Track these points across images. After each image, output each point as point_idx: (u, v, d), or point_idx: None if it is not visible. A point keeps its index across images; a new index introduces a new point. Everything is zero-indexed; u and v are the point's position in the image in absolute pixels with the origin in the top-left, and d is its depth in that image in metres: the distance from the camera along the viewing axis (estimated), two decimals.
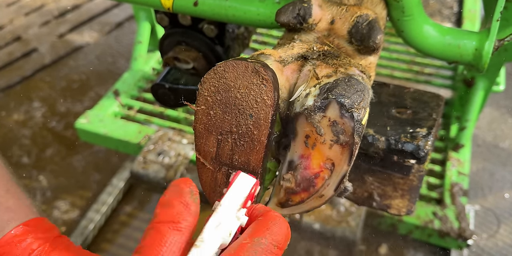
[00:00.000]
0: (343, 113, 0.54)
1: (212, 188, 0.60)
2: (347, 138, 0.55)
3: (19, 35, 2.56)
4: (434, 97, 0.78)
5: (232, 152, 0.57)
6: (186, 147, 1.39)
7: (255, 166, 0.56)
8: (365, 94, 0.56)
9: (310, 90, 0.57)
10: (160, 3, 0.83)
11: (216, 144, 0.57)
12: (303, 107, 0.56)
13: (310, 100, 0.56)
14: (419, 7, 0.70)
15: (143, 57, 1.73)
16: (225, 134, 0.56)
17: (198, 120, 0.57)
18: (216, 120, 0.56)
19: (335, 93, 0.54)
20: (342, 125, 0.54)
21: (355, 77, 0.57)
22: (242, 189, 0.51)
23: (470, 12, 1.85)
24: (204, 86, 0.56)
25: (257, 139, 0.55)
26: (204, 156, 0.59)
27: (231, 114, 0.55)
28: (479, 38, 0.69)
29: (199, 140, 0.58)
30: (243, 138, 0.56)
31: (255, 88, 0.53)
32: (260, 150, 0.55)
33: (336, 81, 0.56)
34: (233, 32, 0.99)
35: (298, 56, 0.63)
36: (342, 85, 0.55)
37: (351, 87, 0.55)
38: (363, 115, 0.55)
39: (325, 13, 0.66)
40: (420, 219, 1.24)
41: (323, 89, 0.56)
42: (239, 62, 0.54)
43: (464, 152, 1.41)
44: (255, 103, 0.54)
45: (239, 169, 0.57)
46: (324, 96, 0.55)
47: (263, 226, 0.45)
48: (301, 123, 0.57)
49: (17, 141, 2.00)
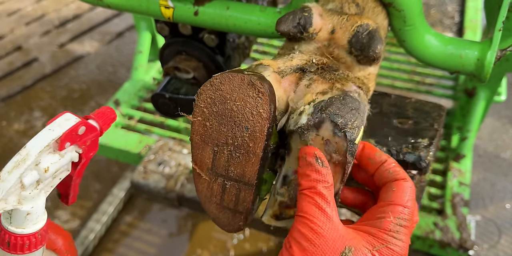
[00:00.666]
0: (336, 132, 0.54)
1: (208, 198, 0.60)
2: (340, 157, 0.55)
3: (19, 44, 2.57)
4: (435, 107, 0.78)
5: (227, 163, 0.57)
6: (186, 157, 1.38)
7: (250, 178, 0.56)
8: (359, 113, 0.55)
9: (304, 108, 0.57)
10: (161, 12, 0.83)
11: (212, 155, 0.57)
12: (296, 125, 0.56)
13: (304, 119, 0.56)
14: (421, 17, 0.70)
15: (143, 67, 1.73)
16: (221, 145, 0.56)
17: (194, 131, 0.57)
18: (212, 132, 0.56)
19: (329, 112, 0.54)
20: (335, 144, 0.54)
21: (350, 94, 0.57)
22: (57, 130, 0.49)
23: (472, 22, 1.85)
24: (200, 98, 0.56)
25: (253, 151, 0.55)
26: (200, 167, 0.58)
27: (227, 126, 0.55)
28: (481, 48, 0.69)
29: (195, 151, 0.58)
30: (238, 150, 0.55)
31: (251, 101, 0.53)
32: (256, 162, 0.55)
33: (330, 99, 0.56)
34: (233, 42, 0.99)
35: (296, 68, 0.62)
36: (336, 103, 0.55)
37: (345, 106, 0.55)
38: (357, 134, 0.54)
39: (325, 22, 0.66)
40: (421, 230, 1.23)
41: (317, 107, 0.55)
42: (235, 75, 0.54)
43: (465, 163, 1.40)
44: (251, 116, 0.54)
45: (235, 180, 0.57)
46: (317, 115, 0.55)
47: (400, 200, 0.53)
48: (295, 140, 0.57)
49: (18, 150, 1.99)
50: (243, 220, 0.59)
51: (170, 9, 0.81)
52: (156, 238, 1.67)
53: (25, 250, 0.50)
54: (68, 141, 0.50)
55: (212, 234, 1.67)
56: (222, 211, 0.60)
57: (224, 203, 0.59)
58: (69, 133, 0.49)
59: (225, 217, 0.60)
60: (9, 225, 0.49)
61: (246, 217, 0.58)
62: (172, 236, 1.68)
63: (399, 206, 0.53)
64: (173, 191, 1.31)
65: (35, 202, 0.49)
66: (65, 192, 0.56)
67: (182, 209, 1.75)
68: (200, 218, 1.72)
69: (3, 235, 0.49)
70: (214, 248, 1.62)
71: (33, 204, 0.49)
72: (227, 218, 0.60)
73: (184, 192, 1.31)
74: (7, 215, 0.49)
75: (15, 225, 0.49)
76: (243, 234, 1.66)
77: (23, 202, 0.48)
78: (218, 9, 0.79)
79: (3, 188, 0.46)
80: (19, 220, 0.49)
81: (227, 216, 0.59)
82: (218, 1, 0.80)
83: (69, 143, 0.50)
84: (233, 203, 0.58)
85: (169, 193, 1.32)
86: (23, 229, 0.49)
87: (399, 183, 0.55)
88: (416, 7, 0.69)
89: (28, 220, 0.49)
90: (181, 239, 1.67)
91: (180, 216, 1.74)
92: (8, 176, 0.46)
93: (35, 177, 0.48)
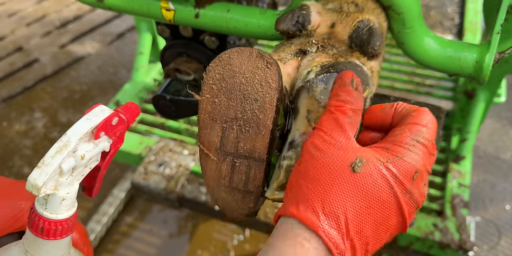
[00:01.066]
0: None
1: (215, 181, 0.59)
2: None
3: (20, 45, 2.57)
4: (434, 109, 0.78)
5: (237, 139, 0.57)
6: (187, 158, 1.39)
7: (261, 152, 0.56)
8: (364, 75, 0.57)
9: (312, 68, 0.58)
10: (162, 15, 0.83)
11: (221, 133, 0.57)
12: (305, 80, 0.57)
13: (312, 75, 0.57)
14: (420, 20, 0.71)
15: (144, 68, 1.74)
16: (230, 121, 0.56)
17: (202, 109, 0.58)
18: (221, 108, 0.57)
19: (336, 68, 0.56)
20: None
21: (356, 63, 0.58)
22: (94, 119, 0.52)
23: (471, 23, 1.86)
24: (209, 75, 0.56)
25: (263, 123, 0.55)
26: (208, 147, 0.58)
27: (236, 100, 0.56)
28: (479, 50, 0.69)
29: (203, 131, 0.58)
30: (248, 124, 0.56)
31: (260, 72, 0.54)
32: (266, 135, 0.55)
33: (337, 62, 0.57)
34: (234, 44, 0.99)
35: (296, 52, 0.63)
36: (343, 64, 0.57)
37: (352, 66, 0.57)
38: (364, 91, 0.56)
39: (324, 19, 0.66)
40: (421, 231, 1.24)
41: (324, 66, 0.57)
42: (243, 48, 0.55)
43: (465, 164, 1.41)
44: (260, 87, 0.54)
45: (244, 157, 0.57)
46: (325, 70, 0.56)
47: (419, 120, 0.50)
48: (303, 99, 0.58)
49: (18, 151, 2.00)
50: (253, 202, 0.58)
51: (171, 11, 0.82)
52: (156, 239, 1.67)
53: (57, 236, 0.51)
54: (103, 130, 0.53)
55: (213, 235, 1.67)
56: (231, 193, 0.59)
57: (233, 184, 0.58)
58: (104, 123, 0.52)
59: (235, 200, 0.59)
60: (44, 210, 0.51)
61: (256, 197, 0.58)
62: (172, 237, 1.68)
63: (418, 125, 0.50)
64: (174, 192, 1.32)
65: (70, 188, 0.51)
66: (89, 184, 0.58)
67: (182, 210, 1.75)
68: (200, 219, 1.72)
69: (37, 220, 0.51)
70: (214, 249, 1.62)
71: (68, 190, 0.51)
72: (236, 201, 0.59)
73: (184, 193, 1.32)
74: (43, 201, 0.51)
75: (50, 210, 0.51)
76: (243, 234, 1.66)
77: (59, 188, 0.50)
78: (218, 12, 0.80)
79: (46, 171, 0.48)
80: (54, 206, 0.51)
81: (237, 199, 0.59)
82: (219, 3, 0.80)
83: (103, 133, 0.53)
84: (243, 183, 0.58)
85: (169, 194, 1.32)
86: (56, 215, 0.51)
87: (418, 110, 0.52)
88: (415, 10, 0.69)
89: (63, 205, 0.51)
90: (181, 240, 1.67)
91: (180, 217, 1.74)
92: (52, 161, 0.48)
93: (72, 164, 0.50)
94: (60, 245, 0.53)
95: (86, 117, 0.52)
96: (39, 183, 0.47)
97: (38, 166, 0.48)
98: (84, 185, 0.58)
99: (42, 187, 0.48)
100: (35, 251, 0.52)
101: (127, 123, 0.56)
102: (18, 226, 0.58)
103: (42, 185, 0.47)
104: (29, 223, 0.52)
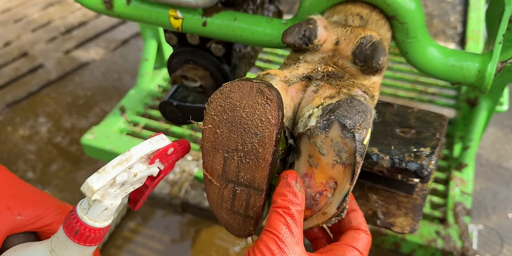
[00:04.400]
0: (345, 133, 0.55)
1: (218, 204, 0.61)
2: (349, 157, 0.56)
3: (25, 51, 2.59)
4: (437, 117, 0.79)
5: (238, 169, 0.58)
6: (190, 164, 1.40)
7: (260, 183, 0.57)
8: (367, 115, 0.57)
9: (313, 111, 0.58)
10: (170, 23, 0.85)
11: (223, 162, 0.59)
12: (306, 127, 0.58)
13: (313, 121, 0.57)
14: (423, 29, 0.72)
15: (149, 74, 1.75)
16: (231, 152, 0.58)
17: (205, 138, 0.59)
18: (222, 139, 0.58)
19: (337, 114, 0.56)
20: (344, 145, 0.55)
21: (357, 98, 0.58)
22: (155, 145, 0.57)
23: (474, 32, 1.87)
24: (211, 106, 0.57)
25: (262, 156, 0.56)
26: (211, 173, 0.60)
27: (236, 133, 0.57)
28: (482, 60, 0.70)
29: (206, 158, 0.60)
30: (248, 156, 0.57)
31: (260, 108, 0.55)
32: (265, 167, 0.57)
33: (338, 102, 0.57)
34: (240, 52, 1.00)
35: (303, 77, 0.64)
36: (344, 106, 0.57)
37: (353, 108, 0.56)
38: (365, 135, 0.56)
39: (330, 34, 0.67)
40: (423, 238, 1.24)
41: (325, 110, 0.57)
42: (244, 83, 0.55)
43: (468, 172, 1.41)
44: (260, 122, 0.55)
45: (245, 186, 0.58)
46: (326, 117, 0.56)
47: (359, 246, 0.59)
48: (304, 143, 0.58)
49: (23, 156, 2.01)
50: (253, 225, 0.60)
51: (179, 19, 0.83)
52: (158, 244, 1.68)
53: (87, 242, 0.53)
54: (159, 158, 0.57)
55: (215, 241, 1.67)
56: (232, 216, 0.61)
57: (234, 209, 0.60)
58: (162, 152, 0.57)
59: (236, 223, 0.61)
60: (85, 215, 0.53)
61: (256, 222, 0.60)
62: (174, 242, 1.69)
63: (356, 251, 0.58)
64: (177, 197, 1.32)
65: (114, 200, 0.54)
66: (135, 198, 0.61)
67: (185, 216, 1.76)
68: (202, 224, 1.73)
69: (74, 223, 0.53)
70: (216, 255, 1.63)
71: (113, 201, 0.53)
72: (238, 224, 0.61)
73: (188, 198, 1.32)
74: (86, 206, 0.53)
75: (89, 216, 0.53)
76: (245, 241, 1.66)
77: (106, 197, 0.53)
78: (225, 20, 0.81)
79: (105, 178, 0.51)
80: (95, 213, 0.53)
81: (238, 221, 0.61)
82: (226, 12, 0.82)
83: (158, 160, 0.57)
84: (243, 208, 0.60)
85: (173, 199, 1.33)
86: (94, 222, 0.53)
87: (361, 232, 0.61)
88: (419, 19, 0.70)
89: (103, 215, 0.53)
90: (183, 245, 1.68)
91: (183, 222, 1.75)
92: (112, 170, 0.52)
93: (124, 178, 0.54)
94: (85, 252, 0.55)
95: (149, 141, 0.57)
96: (95, 187, 0.50)
97: (98, 172, 0.51)
98: (130, 197, 0.62)
99: (96, 191, 0.51)
100: (61, 252, 0.54)
101: (179, 155, 0.61)
102: (38, 225, 0.61)
103: (98, 189, 0.50)
104: (64, 223, 0.53)
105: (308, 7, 0.75)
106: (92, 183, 0.50)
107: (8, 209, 0.59)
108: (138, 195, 0.61)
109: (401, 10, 0.69)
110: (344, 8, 0.72)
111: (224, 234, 1.69)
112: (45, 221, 0.61)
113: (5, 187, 0.62)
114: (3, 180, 0.63)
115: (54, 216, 0.62)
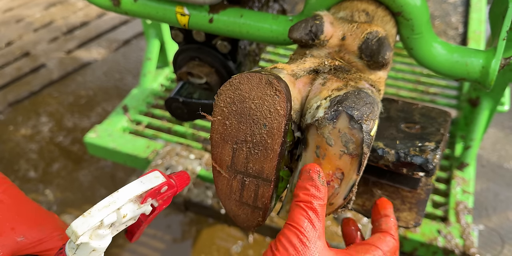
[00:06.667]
0: (352, 124, 0.56)
1: (227, 195, 0.62)
2: (356, 148, 0.57)
3: (27, 50, 2.60)
4: (441, 113, 0.80)
5: (246, 160, 0.59)
6: (193, 162, 1.40)
7: (269, 173, 0.58)
8: (374, 107, 0.58)
9: (321, 103, 0.59)
10: (177, 19, 0.85)
11: (232, 153, 0.59)
12: (313, 118, 0.58)
13: (321, 112, 0.58)
14: (428, 26, 0.73)
15: (152, 73, 1.75)
16: (240, 143, 0.59)
17: (214, 130, 0.60)
18: (231, 130, 0.59)
19: (345, 105, 0.56)
20: (351, 136, 0.56)
21: (364, 90, 0.59)
22: (147, 184, 0.55)
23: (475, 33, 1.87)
24: (220, 98, 0.58)
25: (271, 147, 0.57)
26: (220, 165, 0.61)
27: (245, 124, 0.58)
28: (486, 56, 0.71)
29: (215, 149, 0.61)
30: (257, 147, 0.58)
31: (269, 99, 0.56)
32: (274, 158, 0.57)
33: (346, 94, 0.58)
34: (245, 49, 1.01)
35: (310, 70, 0.65)
36: (351, 97, 0.57)
37: (360, 100, 0.57)
38: (372, 126, 0.56)
39: (336, 29, 0.68)
40: (425, 237, 1.24)
41: (333, 101, 0.58)
42: (253, 74, 0.56)
43: (469, 171, 1.42)
44: (269, 113, 0.56)
45: (254, 177, 0.59)
46: (334, 108, 0.57)
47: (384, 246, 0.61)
48: (312, 134, 0.59)
49: (24, 155, 2.01)
50: (261, 216, 0.61)
51: (185, 16, 0.84)
52: (160, 244, 1.68)
53: None
54: (151, 197, 0.56)
55: (216, 240, 1.68)
56: (241, 207, 0.62)
57: (243, 199, 0.61)
58: (154, 191, 0.56)
59: (244, 213, 0.62)
60: (73, 254, 0.52)
61: (264, 213, 0.60)
62: (176, 241, 1.69)
63: (380, 251, 0.59)
64: (180, 196, 1.33)
65: (103, 240, 0.53)
66: (131, 230, 0.61)
67: (187, 215, 1.76)
68: (204, 224, 1.73)
69: None
70: (217, 254, 1.63)
71: (101, 242, 0.53)
72: (246, 214, 0.62)
73: (191, 196, 1.33)
74: (74, 246, 0.52)
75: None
76: (246, 240, 1.67)
77: (93, 238, 0.52)
78: (232, 17, 0.82)
79: (90, 223, 0.50)
80: (83, 254, 0.52)
81: (246, 212, 0.62)
82: (232, 9, 0.82)
83: (150, 198, 0.56)
84: (252, 199, 0.60)
85: (175, 197, 1.33)
86: None
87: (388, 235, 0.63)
88: (424, 16, 0.71)
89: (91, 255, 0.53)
90: (185, 245, 1.68)
91: (184, 221, 1.75)
92: (97, 213, 0.51)
93: (113, 220, 0.52)
94: None
95: (140, 180, 0.56)
96: (79, 232, 0.50)
97: (83, 215, 0.51)
98: (127, 229, 0.61)
99: (81, 236, 0.50)
100: None
101: (176, 190, 0.59)
102: (39, 250, 0.61)
103: (82, 234, 0.50)
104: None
105: (315, 4, 0.76)
106: (77, 228, 0.50)
107: (11, 230, 0.59)
108: (135, 227, 0.60)
109: (406, 6, 0.70)
110: (350, 4, 0.73)
111: (226, 234, 1.69)
112: (47, 245, 0.61)
113: (12, 206, 0.62)
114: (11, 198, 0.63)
115: (55, 242, 0.62)
